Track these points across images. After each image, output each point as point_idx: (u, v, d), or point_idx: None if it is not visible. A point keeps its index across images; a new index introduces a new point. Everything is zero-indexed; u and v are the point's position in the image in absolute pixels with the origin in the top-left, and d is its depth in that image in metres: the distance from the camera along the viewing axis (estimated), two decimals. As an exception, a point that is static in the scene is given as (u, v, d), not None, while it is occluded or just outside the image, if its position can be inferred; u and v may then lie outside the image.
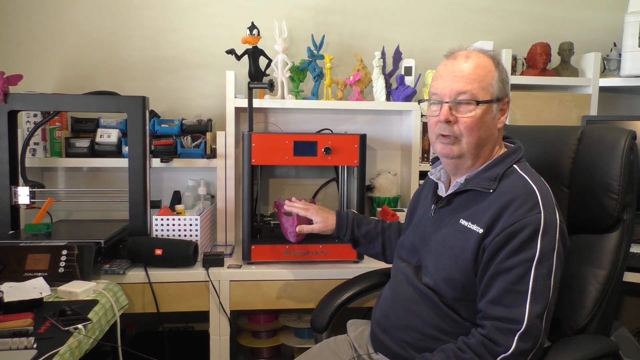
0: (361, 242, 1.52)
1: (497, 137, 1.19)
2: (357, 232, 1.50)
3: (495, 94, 1.14)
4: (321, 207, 1.56)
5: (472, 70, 1.13)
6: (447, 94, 1.14)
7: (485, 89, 1.13)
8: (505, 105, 1.18)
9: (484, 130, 1.14)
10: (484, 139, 1.15)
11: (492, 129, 1.16)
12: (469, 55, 1.15)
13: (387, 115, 2.23)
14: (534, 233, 1.03)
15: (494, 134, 1.17)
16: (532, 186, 1.09)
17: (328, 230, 1.50)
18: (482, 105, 1.12)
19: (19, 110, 1.78)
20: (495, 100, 1.14)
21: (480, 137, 1.14)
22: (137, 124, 1.74)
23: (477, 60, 1.14)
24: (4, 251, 1.51)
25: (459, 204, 1.19)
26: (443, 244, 1.17)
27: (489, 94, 1.13)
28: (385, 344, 1.24)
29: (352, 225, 1.50)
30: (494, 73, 1.14)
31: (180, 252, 1.67)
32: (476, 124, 1.12)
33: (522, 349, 1.00)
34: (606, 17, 2.34)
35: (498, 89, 1.14)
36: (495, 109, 1.15)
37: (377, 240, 1.51)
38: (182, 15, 2.16)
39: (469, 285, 1.11)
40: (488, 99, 1.13)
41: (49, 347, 1.10)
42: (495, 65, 1.16)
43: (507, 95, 1.18)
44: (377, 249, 1.51)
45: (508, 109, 1.18)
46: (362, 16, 2.25)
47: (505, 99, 1.17)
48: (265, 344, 2.03)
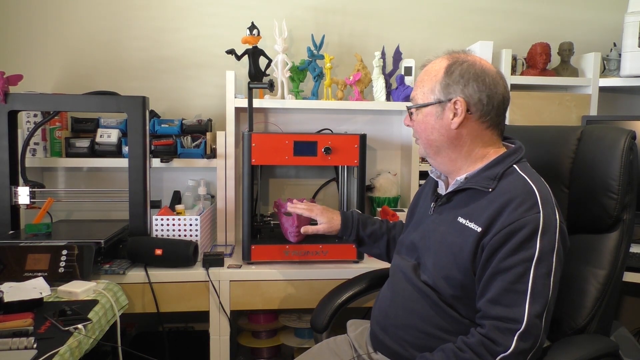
0: (366, 243, 1.52)
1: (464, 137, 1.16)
2: (362, 232, 1.50)
3: (436, 97, 1.16)
4: (325, 207, 1.55)
5: (420, 78, 1.21)
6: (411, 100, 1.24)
7: (425, 94, 1.18)
8: (457, 105, 1.13)
9: (430, 132, 1.18)
10: (435, 140, 1.18)
11: (442, 130, 1.16)
12: (428, 62, 1.21)
13: (387, 115, 2.24)
14: (533, 232, 1.03)
15: (448, 135, 1.16)
16: (532, 186, 1.09)
17: (333, 230, 1.50)
18: (422, 109, 1.18)
19: (19, 110, 1.78)
20: (435, 103, 1.16)
21: (428, 139, 1.19)
22: (137, 124, 1.74)
23: (429, 67, 1.20)
24: (4, 251, 1.51)
25: (458, 202, 1.19)
26: (442, 242, 1.17)
27: (429, 98, 1.17)
28: (384, 343, 1.24)
29: (357, 226, 1.50)
30: (439, 77, 1.16)
31: (180, 252, 1.67)
32: (420, 126, 1.20)
33: (522, 348, 1.00)
34: (606, 17, 2.34)
35: (439, 92, 1.15)
36: (439, 111, 1.16)
37: (381, 240, 1.51)
38: (182, 15, 2.16)
39: (468, 283, 1.11)
40: (425, 102, 1.18)
41: (49, 347, 1.10)
42: (446, 67, 1.15)
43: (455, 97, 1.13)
44: (382, 249, 1.51)
45: (461, 108, 1.13)
46: (362, 16, 2.25)
47: (453, 99, 1.14)
48: (265, 344, 2.03)
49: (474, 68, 1.14)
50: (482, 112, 1.15)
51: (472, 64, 1.15)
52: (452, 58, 1.17)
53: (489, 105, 1.14)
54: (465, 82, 1.14)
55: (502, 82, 1.17)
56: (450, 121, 1.15)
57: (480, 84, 1.13)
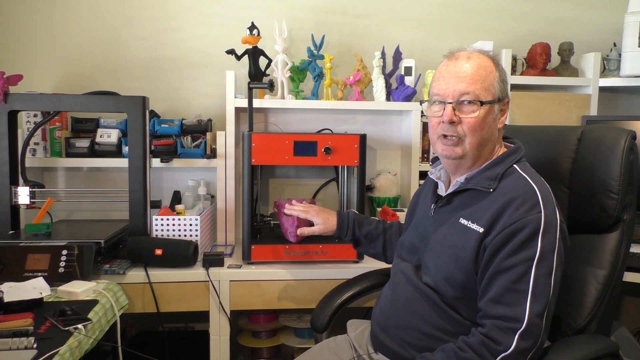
0: (362, 242, 1.52)
1: (497, 137, 1.20)
2: (358, 232, 1.50)
3: (497, 94, 1.14)
4: (321, 208, 1.56)
5: (474, 71, 1.13)
6: (450, 94, 1.14)
7: (487, 90, 1.13)
8: (505, 105, 1.19)
9: (486, 131, 1.14)
10: (486, 140, 1.16)
11: (494, 129, 1.16)
12: (470, 55, 1.15)
13: (387, 115, 2.23)
14: (535, 232, 1.04)
15: (494, 134, 1.17)
16: (533, 185, 1.10)
17: (329, 231, 1.50)
18: (485, 106, 1.13)
19: (19, 110, 1.78)
20: (496, 101, 1.15)
21: (482, 138, 1.15)
22: (137, 124, 1.74)
23: (478, 61, 1.14)
24: (4, 251, 1.51)
25: (458, 203, 1.19)
26: (443, 243, 1.17)
27: (490, 94, 1.13)
28: (385, 343, 1.24)
29: (353, 226, 1.50)
30: (495, 73, 1.15)
31: (180, 252, 1.67)
32: (479, 124, 1.13)
33: (523, 347, 1.00)
34: (606, 17, 2.34)
35: (499, 90, 1.15)
36: (497, 109, 1.16)
37: (378, 240, 1.51)
38: (183, 15, 2.16)
39: (469, 284, 1.11)
40: (490, 99, 1.13)
41: (49, 347, 1.10)
42: (495, 65, 1.16)
43: (507, 96, 1.19)
44: (378, 249, 1.51)
45: (508, 109, 1.20)
46: (362, 16, 2.25)
47: (506, 99, 1.18)
48: (265, 344, 2.03)
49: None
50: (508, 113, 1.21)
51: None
52: (491, 57, 1.18)
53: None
54: (507, 81, 1.19)
55: None
56: (499, 120, 1.17)
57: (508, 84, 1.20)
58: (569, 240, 1.12)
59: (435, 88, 1.17)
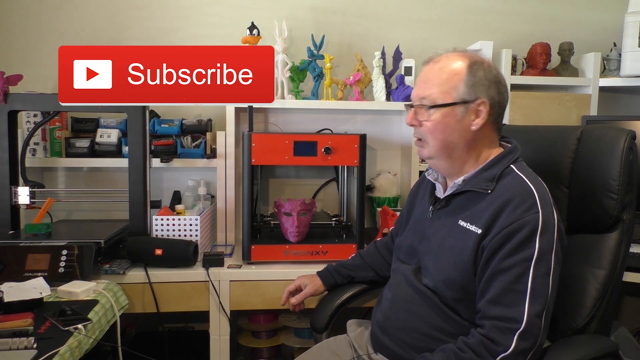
0: (356, 277, 1.53)
1: (477, 139, 1.16)
2: (346, 271, 1.53)
3: (460, 96, 1.13)
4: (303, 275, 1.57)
5: (435, 75, 1.16)
6: (414, 98, 1.19)
7: (446, 93, 1.14)
8: (481, 107, 1.14)
9: (449, 133, 1.15)
10: (451, 142, 1.16)
11: (461, 131, 1.15)
12: (440, 59, 1.17)
13: (387, 115, 2.23)
14: (532, 232, 1.04)
15: (464, 137, 1.15)
16: (530, 186, 1.09)
17: (318, 287, 1.52)
18: (441, 109, 1.14)
19: (19, 110, 1.78)
20: (459, 103, 1.13)
21: (444, 140, 1.15)
22: (137, 124, 1.74)
23: (444, 64, 1.16)
24: (4, 251, 1.51)
25: (457, 205, 1.19)
26: (442, 246, 1.17)
27: (450, 97, 1.13)
28: (385, 344, 1.25)
29: (336, 270, 1.53)
30: (463, 75, 1.13)
31: (180, 252, 1.67)
32: (436, 127, 1.15)
33: (522, 348, 1.00)
34: (606, 17, 2.34)
35: (464, 92, 1.13)
36: (462, 111, 1.14)
37: (366, 268, 1.53)
38: (183, 15, 2.16)
39: (469, 285, 1.11)
40: (450, 101, 1.13)
41: (49, 347, 1.10)
42: (468, 67, 1.14)
43: (480, 97, 1.14)
44: (370, 275, 1.52)
45: (485, 110, 1.14)
46: (362, 16, 2.25)
47: (478, 100, 1.14)
48: (265, 344, 2.03)
49: (494, 70, 1.17)
50: (498, 115, 1.17)
51: (491, 66, 1.17)
52: (469, 57, 1.16)
53: (502, 108, 1.17)
54: (489, 84, 1.14)
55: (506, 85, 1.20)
56: (471, 122, 1.15)
57: (500, 87, 1.16)
58: (566, 240, 1.13)
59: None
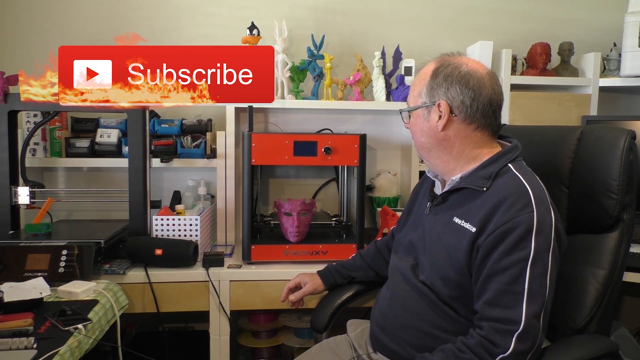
0: (356, 278, 1.54)
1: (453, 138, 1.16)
2: (346, 272, 1.53)
3: (422, 100, 1.19)
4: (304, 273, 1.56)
5: (412, 82, 1.25)
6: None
7: (415, 97, 1.22)
8: (441, 107, 1.15)
9: (420, 135, 1.21)
10: (425, 142, 1.21)
11: (430, 132, 1.19)
12: (422, 66, 1.23)
13: (387, 115, 2.23)
14: (527, 232, 1.03)
15: (436, 137, 1.18)
16: (525, 185, 1.09)
17: (318, 286, 1.52)
18: (412, 112, 1.23)
19: (19, 110, 1.78)
20: (421, 106, 1.19)
21: (419, 141, 1.23)
22: (137, 124, 1.74)
23: (420, 71, 1.23)
24: (4, 251, 1.51)
25: (453, 201, 1.19)
26: (438, 242, 1.18)
27: (418, 101, 1.20)
28: (384, 343, 1.25)
29: (337, 271, 1.53)
30: (426, 80, 1.18)
31: (180, 252, 1.67)
32: (411, 129, 1.25)
33: (521, 349, 1.00)
34: (606, 17, 2.34)
35: (425, 95, 1.18)
36: (425, 114, 1.19)
37: (368, 270, 1.53)
38: (183, 15, 2.16)
39: (464, 283, 1.11)
40: (413, 106, 1.22)
41: (49, 347, 1.10)
42: (433, 71, 1.18)
43: (438, 99, 1.15)
44: (371, 275, 1.53)
45: (445, 110, 1.14)
46: (362, 16, 2.25)
47: (437, 102, 1.15)
48: (265, 344, 2.03)
49: (458, 70, 1.15)
50: (467, 114, 1.15)
51: (457, 67, 1.15)
52: (440, 61, 1.19)
53: (473, 107, 1.14)
54: (448, 85, 1.15)
55: (490, 84, 1.15)
56: (436, 123, 1.17)
57: (463, 87, 1.14)
58: (565, 240, 1.12)
59: None
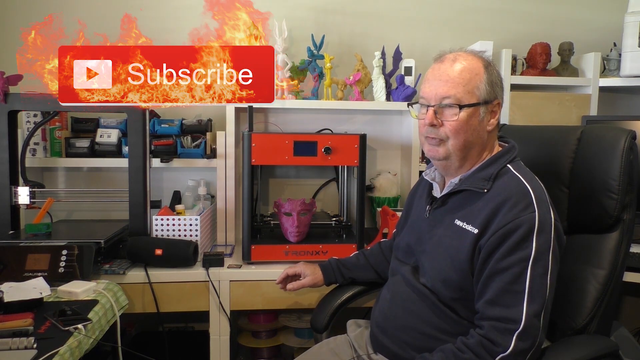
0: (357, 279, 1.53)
1: (488, 139, 1.18)
2: (348, 272, 1.52)
3: (482, 97, 1.14)
4: (307, 263, 1.56)
5: (457, 74, 1.13)
6: (433, 97, 1.15)
7: (470, 93, 1.13)
8: (496, 107, 1.17)
9: (470, 133, 1.14)
10: (471, 142, 1.15)
11: (480, 131, 1.16)
12: (457, 58, 1.15)
13: (387, 115, 2.24)
14: (529, 232, 1.04)
15: (482, 137, 1.16)
16: (526, 185, 1.09)
17: (318, 281, 1.51)
18: (466, 109, 1.13)
19: (19, 110, 1.78)
20: (482, 103, 1.14)
21: (466, 140, 1.15)
22: (137, 124, 1.74)
23: (464, 64, 1.14)
24: (4, 251, 1.51)
25: (453, 204, 1.19)
26: (438, 245, 1.18)
27: (474, 97, 1.13)
28: (384, 344, 1.25)
29: (338, 268, 1.52)
30: (482, 76, 1.14)
31: (180, 252, 1.67)
32: (461, 127, 1.13)
33: (521, 348, 1.00)
34: (606, 17, 2.34)
35: (485, 92, 1.14)
36: (483, 112, 1.15)
37: (369, 269, 1.52)
38: (182, 15, 2.16)
39: (466, 285, 1.11)
40: (473, 102, 1.13)
41: (49, 347, 1.10)
42: (484, 67, 1.15)
43: (497, 98, 1.17)
44: (372, 276, 1.52)
45: (499, 110, 1.18)
46: (362, 16, 2.25)
47: (495, 101, 1.16)
48: (265, 344, 2.03)
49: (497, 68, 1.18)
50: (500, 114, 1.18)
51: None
52: (482, 58, 1.17)
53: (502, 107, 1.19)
54: (501, 85, 1.17)
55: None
56: (488, 122, 1.16)
57: (503, 87, 1.18)
58: (564, 239, 1.13)
59: (422, 91, 1.19)
